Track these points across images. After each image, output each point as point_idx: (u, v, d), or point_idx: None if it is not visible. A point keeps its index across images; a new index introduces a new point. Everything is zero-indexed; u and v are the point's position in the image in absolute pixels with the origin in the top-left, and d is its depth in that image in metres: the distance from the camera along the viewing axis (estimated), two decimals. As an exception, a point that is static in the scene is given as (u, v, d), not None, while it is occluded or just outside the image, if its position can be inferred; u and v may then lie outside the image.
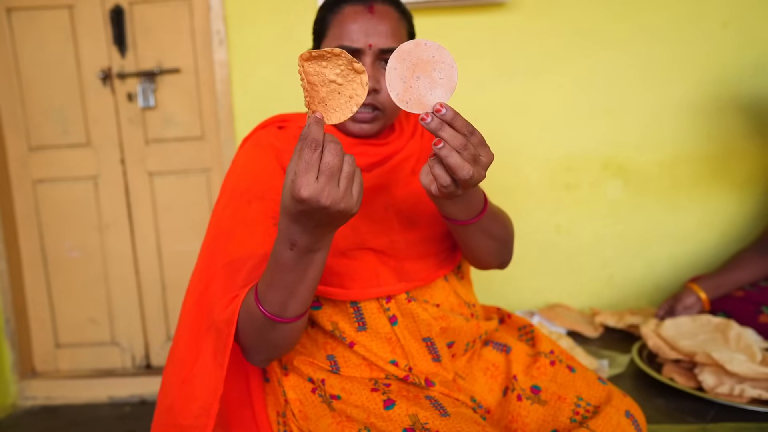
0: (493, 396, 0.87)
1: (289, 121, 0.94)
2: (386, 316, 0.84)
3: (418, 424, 0.73)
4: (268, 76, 1.83)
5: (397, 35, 0.85)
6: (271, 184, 0.85)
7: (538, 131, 1.80)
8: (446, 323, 0.86)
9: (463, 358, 0.91)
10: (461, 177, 0.62)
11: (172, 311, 2.12)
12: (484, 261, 0.91)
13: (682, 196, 1.81)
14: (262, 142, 0.89)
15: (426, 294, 0.88)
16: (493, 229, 0.85)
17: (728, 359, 1.15)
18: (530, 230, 1.84)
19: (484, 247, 0.87)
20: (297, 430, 0.83)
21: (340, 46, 0.83)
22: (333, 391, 0.82)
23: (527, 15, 1.75)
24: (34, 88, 2.00)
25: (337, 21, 0.85)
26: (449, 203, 0.74)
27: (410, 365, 0.83)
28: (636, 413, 0.83)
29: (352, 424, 0.77)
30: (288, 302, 0.70)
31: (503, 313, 1.05)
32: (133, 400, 2.07)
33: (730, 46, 1.73)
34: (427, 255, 0.89)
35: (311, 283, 0.70)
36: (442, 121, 0.62)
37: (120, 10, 1.93)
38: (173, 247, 2.08)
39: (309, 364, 0.86)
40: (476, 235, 0.83)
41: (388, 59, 0.79)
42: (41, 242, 2.09)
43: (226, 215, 0.85)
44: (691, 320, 1.36)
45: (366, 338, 0.83)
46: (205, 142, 2.01)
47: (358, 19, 0.83)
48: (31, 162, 2.04)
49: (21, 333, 2.09)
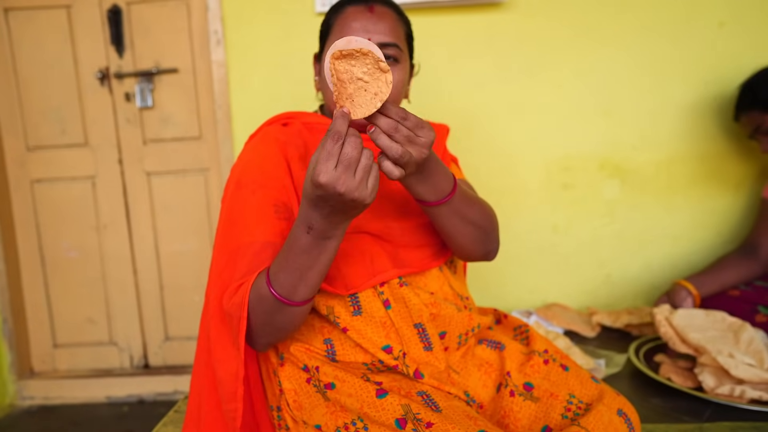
0: (486, 392, 0.88)
1: (293, 118, 0.99)
2: (380, 300, 0.87)
3: (410, 414, 0.74)
4: (266, 76, 1.83)
5: (395, 33, 0.92)
6: (273, 173, 0.89)
7: (535, 131, 1.81)
8: (437, 310, 0.88)
9: (457, 353, 0.91)
10: (392, 156, 0.69)
11: (170, 311, 2.12)
12: (467, 249, 0.93)
13: (679, 196, 1.82)
14: (267, 137, 0.94)
15: (420, 282, 0.91)
16: (468, 213, 0.88)
17: (733, 365, 1.15)
18: (527, 230, 1.84)
19: (463, 233, 0.89)
20: (291, 420, 0.84)
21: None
22: (327, 379, 0.83)
23: (524, 14, 1.75)
24: (31, 88, 2.00)
25: (340, 20, 0.92)
26: (413, 183, 0.79)
27: (404, 350, 0.84)
28: (629, 411, 0.83)
29: (346, 413, 0.78)
30: (298, 285, 0.74)
31: (500, 314, 1.06)
32: (131, 399, 2.08)
33: (727, 46, 1.74)
34: (422, 244, 0.93)
35: (322, 269, 0.74)
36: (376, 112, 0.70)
37: (118, 10, 1.93)
38: (171, 247, 2.09)
39: (305, 351, 0.87)
40: (450, 219, 0.86)
41: (387, 53, 0.89)
42: (39, 242, 2.09)
43: (231, 205, 0.89)
44: (705, 314, 1.34)
45: (361, 323, 0.85)
46: (202, 142, 2.01)
47: (359, 18, 0.90)
48: (28, 162, 2.04)
49: (19, 333, 2.09)
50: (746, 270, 1.52)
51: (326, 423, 0.78)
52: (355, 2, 0.92)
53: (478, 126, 1.81)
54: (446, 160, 1.06)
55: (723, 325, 1.31)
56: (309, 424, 0.81)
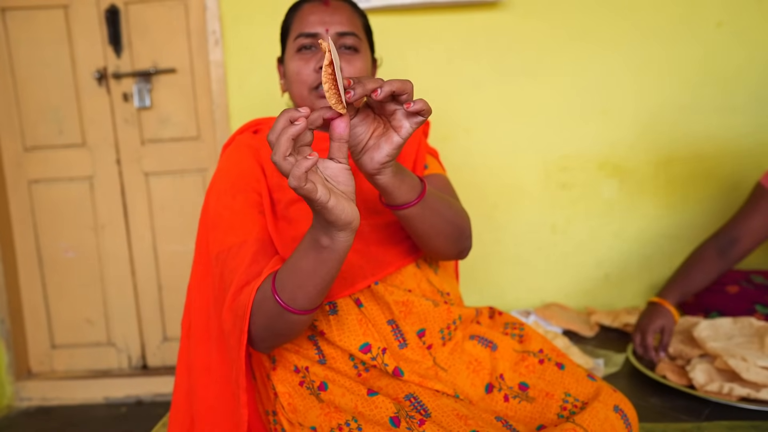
0: (474, 390, 0.87)
1: (263, 124, 1.02)
2: (352, 299, 0.86)
3: (402, 411, 0.75)
4: (264, 76, 1.83)
5: (352, 23, 0.95)
6: (250, 179, 0.90)
7: (533, 131, 1.81)
8: (409, 306, 0.87)
9: (445, 350, 0.89)
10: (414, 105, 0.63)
11: (168, 311, 2.12)
12: (440, 249, 0.89)
13: (677, 195, 1.82)
14: (240, 145, 0.96)
15: (396, 280, 0.89)
16: (439, 213, 0.84)
17: (744, 368, 1.13)
18: (526, 230, 1.84)
19: (435, 233, 0.85)
20: (287, 423, 0.84)
21: (300, 33, 0.94)
22: (318, 379, 0.83)
23: (522, 15, 1.75)
24: (29, 88, 2.00)
25: (298, 17, 0.96)
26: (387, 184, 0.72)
27: (383, 347, 0.83)
28: (625, 407, 0.83)
29: (340, 414, 0.78)
30: (297, 293, 0.72)
31: (494, 311, 1.05)
32: (129, 400, 2.07)
33: (724, 47, 1.74)
34: (394, 241, 0.90)
35: (319, 282, 0.70)
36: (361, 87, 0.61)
37: (115, 9, 1.93)
38: (169, 247, 2.08)
39: (295, 352, 0.86)
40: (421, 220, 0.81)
41: (347, 43, 0.93)
42: (37, 243, 2.09)
43: (213, 211, 0.89)
44: (732, 321, 1.32)
45: (336, 322, 0.84)
46: (200, 142, 2.01)
47: (316, 11, 0.95)
48: (26, 162, 2.04)
49: (16, 334, 2.08)
50: (720, 268, 1.39)
51: (320, 424, 0.78)
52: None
53: (476, 126, 1.81)
54: (422, 152, 1.01)
55: (750, 330, 1.29)
56: (305, 425, 0.81)
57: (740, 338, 1.27)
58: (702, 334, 1.27)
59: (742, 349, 1.19)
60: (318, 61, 0.92)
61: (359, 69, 0.93)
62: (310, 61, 0.93)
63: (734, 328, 1.30)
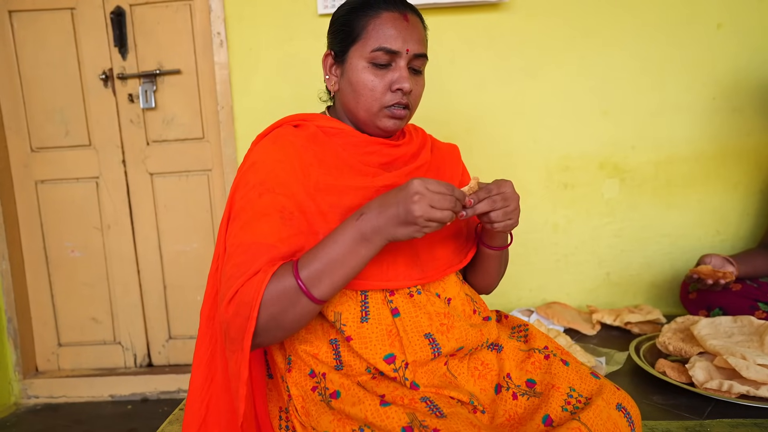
0: (485, 395, 0.89)
1: (306, 120, 0.97)
2: (389, 308, 0.86)
3: (416, 421, 0.74)
4: (268, 78, 1.84)
5: (424, 43, 0.95)
6: (283, 178, 0.86)
7: (535, 131, 1.82)
8: (450, 322, 0.88)
9: (455, 358, 0.91)
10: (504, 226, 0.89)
11: (174, 310, 2.14)
12: (490, 283, 1.08)
13: (678, 195, 1.83)
14: (280, 140, 0.91)
15: (438, 287, 0.93)
16: (505, 257, 1.06)
17: (744, 366, 1.15)
18: (528, 229, 1.86)
19: (495, 271, 1.05)
20: (299, 425, 0.84)
21: (380, 47, 0.90)
22: (333, 387, 0.83)
23: (524, 15, 1.76)
24: (35, 89, 2.01)
25: (375, 25, 0.91)
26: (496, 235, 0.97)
27: (407, 360, 0.84)
28: (628, 405, 0.84)
29: (352, 421, 0.78)
30: (323, 279, 0.76)
31: (501, 315, 1.07)
32: (135, 398, 2.09)
33: (725, 47, 1.75)
34: (442, 249, 0.95)
35: (349, 272, 0.78)
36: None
37: (121, 11, 1.95)
38: (174, 246, 2.10)
39: (313, 356, 0.87)
40: (497, 260, 1.02)
41: (418, 66, 0.94)
42: (43, 242, 2.10)
43: (237, 204, 0.87)
44: (732, 320, 1.34)
45: (367, 330, 0.84)
46: (205, 142, 2.03)
47: (397, 26, 0.91)
48: (33, 163, 2.06)
49: (23, 332, 2.10)
50: None
51: (334, 430, 0.78)
52: (390, 8, 0.91)
53: (478, 126, 1.82)
54: (466, 177, 1.12)
55: (750, 329, 1.30)
56: (318, 430, 0.81)
57: (740, 336, 1.28)
58: (702, 332, 1.28)
59: (741, 348, 1.21)
60: (392, 82, 0.91)
61: (422, 86, 0.97)
62: (385, 77, 0.91)
63: (734, 326, 1.32)
